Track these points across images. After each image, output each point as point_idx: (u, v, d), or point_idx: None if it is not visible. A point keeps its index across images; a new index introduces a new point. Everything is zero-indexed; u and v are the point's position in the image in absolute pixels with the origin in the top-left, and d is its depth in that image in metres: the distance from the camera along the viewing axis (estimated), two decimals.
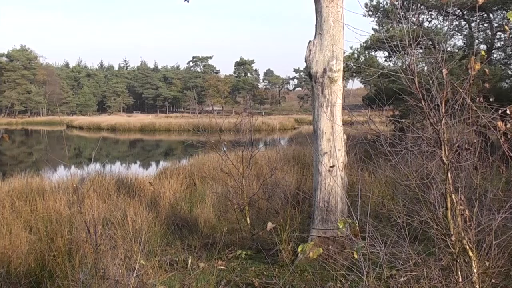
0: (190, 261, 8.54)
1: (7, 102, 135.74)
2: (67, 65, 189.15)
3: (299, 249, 5.89)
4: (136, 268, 5.93)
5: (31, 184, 15.60)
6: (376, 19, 28.06)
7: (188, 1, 11.89)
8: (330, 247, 8.32)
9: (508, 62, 25.17)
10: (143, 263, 6.64)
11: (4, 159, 44.00)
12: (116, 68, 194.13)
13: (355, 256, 4.90)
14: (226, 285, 7.81)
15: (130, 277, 5.80)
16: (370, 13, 27.43)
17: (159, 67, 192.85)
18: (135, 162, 40.77)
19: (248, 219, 10.38)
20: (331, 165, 8.72)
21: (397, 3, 6.25)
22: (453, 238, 5.13)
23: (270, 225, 7.91)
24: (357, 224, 4.92)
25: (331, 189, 8.75)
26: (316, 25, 9.06)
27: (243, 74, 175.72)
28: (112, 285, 5.84)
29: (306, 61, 9.08)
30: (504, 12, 23.42)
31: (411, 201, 6.18)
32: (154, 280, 6.93)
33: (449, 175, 5.13)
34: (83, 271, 6.61)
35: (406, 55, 6.08)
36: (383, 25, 27.70)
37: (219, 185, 14.22)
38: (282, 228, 8.86)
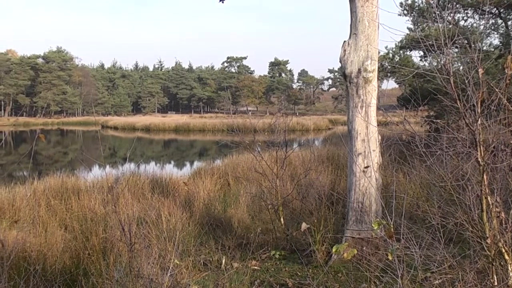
0: (224, 261, 8.56)
1: (43, 103, 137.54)
2: (102, 66, 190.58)
3: (333, 250, 5.87)
4: (170, 268, 5.95)
5: (67, 183, 15.82)
6: (411, 18, 27.88)
7: (223, 2, 11.93)
8: (364, 248, 8.28)
9: None
10: (177, 262, 6.66)
11: (40, 158, 44.58)
12: (151, 69, 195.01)
13: (390, 257, 4.87)
14: (260, 286, 7.81)
15: (164, 276, 5.83)
16: (405, 12, 27.26)
17: (194, 67, 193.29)
18: (170, 162, 41.00)
19: (282, 219, 10.36)
20: (366, 165, 8.68)
21: (432, 2, 6.21)
22: (488, 240, 5.08)
23: (304, 225, 7.88)
24: (391, 226, 4.89)
25: (365, 190, 8.70)
26: (351, 25, 9.02)
27: (277, 75, 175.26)
28: (146, 283, 5.88)
29: (340, 62, 9.04)
30: None
31: (446, 202, 6.13)
32: (188, 280, 6.96)
33: (484, 176, 5.08)
34: (118, 269, 6.68)
35: (441, 54, 6.03)
36: (419, 24, 27.49)
37: (253, 186, 14.23)
38: (316, 228, 8.85)
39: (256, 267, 8.63)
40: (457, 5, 23.39)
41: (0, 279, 5.99)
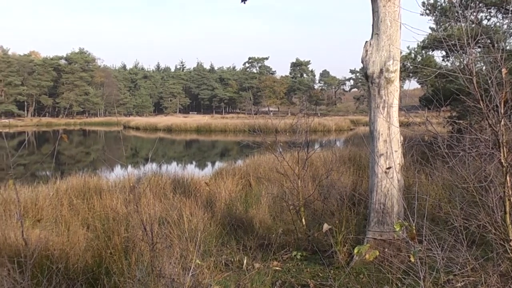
0: (245, 261, 8.56)
1: (66, 103, 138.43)
2: (124, 67, 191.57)
3: (355, 251, 5.85)
4: (192, 268, 5.96)
5: (89, 183, 15.92)
6: (433, 18, 27.74)
7: (244, 2, 11.91)
8: (386, 249, 8.24)
9: None
10: (199, 262, 6.67)
11: (63, 158, 44.96)
12: (172, 69, 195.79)
13: (412, 259, 4.84)
14: (281, 286, 7.80)
15: (186, 276, 5.85)
16: (427, 11, 27.14)
17: (215, 68, 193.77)
18: (191, 163, 41.13)
19: (303, 220, 10.35)
20: (388, 166, 8.63)
21: (455, 1, 6.18)
22: None
23: (326, 226, 7.87)
24: (413, 227, 4.86)
25: (387, 191, 8.66)
26: (372, 25, 8.98)
27: (299, 75, 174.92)
28: (168, 283, 5.90)
29: (362, 62, 9.00)
30: None
31: (468, 204, 6.08)
32: (210, 280, 6.96)
33: (507, 178, 5.04)
34: (140, 268, 6.70)
35: (464, 54, 6.00)
36: (441, 23, 27.35)
37: (274, 186, 14.21)
38: (337, 229, 8.81)
39: (277, 268, 8.62)
40: (480, 4, 23.23)
41: (24, 277, 6.05)
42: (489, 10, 25.18)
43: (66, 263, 7.92)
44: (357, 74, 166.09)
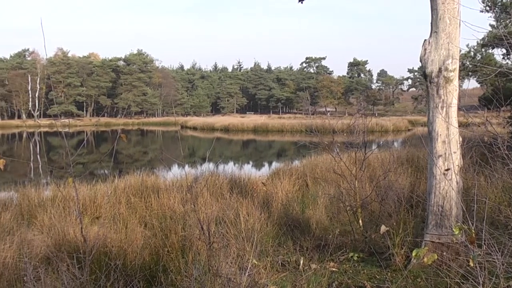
0: (302, 262, 8.55)
1: (124, 104, 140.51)
2: (182, 67, 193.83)
3: (413, 254, 5.79)
4: (249, 267, 6.00)
5: (146, 182, 16.15)
6: (493, 15, 27.26)
7: (302, 2, 11.90)
8: (444, 253, 8.12)
9: None
10: (255, 262, 6.70)
11: (121, 157, 45.63)
12: (229, 69, 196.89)
13: (471, 264, 4.77)
14: (337, 287, 7.78)
15: (242, 276, 5.89)
16: (487, 8, 26.67)
17: (273, 68, 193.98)
18: (248, 162, 41.28)
19: (360, 221, 10.29)
20: (446, 168, 8.50)
21: None
22: None
23: (383, 228, 7.80)
24: (473, 231, 4.78)
25: (445, 193, 8.53)
26: (431, 23, 8.86)
27: (356, 75, 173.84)
28: (224, 282, 5.94)
29: (421, 61, 8.88)
30: None
31: None
32: (266, 280, 6.98)
33: None
34: (196, 267, 6.75)
35: None
36: (501, 20, 26.85)
37: (331, 187, 14.18)
38: (395, 231, 8.73)
39: (334, 269, 8.59)
40: None
41: (82, 273, 6.19)
42: None
43: (124, 260, 8.06)
44: (415, 74, 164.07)
